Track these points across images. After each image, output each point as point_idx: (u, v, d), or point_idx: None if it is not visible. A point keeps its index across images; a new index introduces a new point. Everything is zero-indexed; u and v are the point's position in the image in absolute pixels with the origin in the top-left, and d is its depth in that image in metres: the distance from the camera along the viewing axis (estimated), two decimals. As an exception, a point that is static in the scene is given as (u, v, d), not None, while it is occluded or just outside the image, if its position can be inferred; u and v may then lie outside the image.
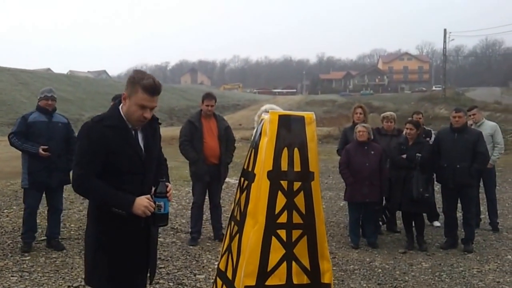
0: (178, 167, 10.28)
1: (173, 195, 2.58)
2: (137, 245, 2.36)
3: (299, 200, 2.50)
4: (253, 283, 2.46)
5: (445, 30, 40.41)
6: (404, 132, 5.50)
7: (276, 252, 2.49)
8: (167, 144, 12.44)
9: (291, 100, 47.16)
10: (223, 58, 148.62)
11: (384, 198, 5.62)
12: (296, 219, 2.50)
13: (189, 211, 5.82)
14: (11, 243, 5.10)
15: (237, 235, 2.62)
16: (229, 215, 6.60)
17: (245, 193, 2.62)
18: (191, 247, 5.24)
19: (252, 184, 2.53)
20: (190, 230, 5.57)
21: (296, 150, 2.50)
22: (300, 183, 2.50)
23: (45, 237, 5.14)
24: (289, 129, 2.51)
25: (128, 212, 2.23)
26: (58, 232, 5.12)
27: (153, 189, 2.36)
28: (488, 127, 6.15)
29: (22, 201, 5.12)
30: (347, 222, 5.87)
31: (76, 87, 41.91)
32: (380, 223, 5.99)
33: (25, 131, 4.75)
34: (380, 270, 4.62)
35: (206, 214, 5.93)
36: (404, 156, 5.28)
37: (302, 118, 2.54)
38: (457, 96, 38.67)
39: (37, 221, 5.20)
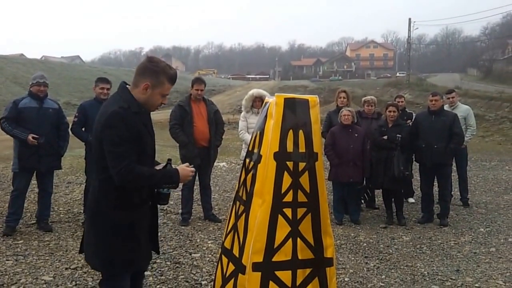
0: (159, 150, 10.24)
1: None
2: (148, 225, 2.46)
3: (304, 180, 2.60)
4: (260, 259, 2.55)
5: (409, 19, 42.16)
6: (385, 115, 5.75)
7: (282, 229, 2.58)
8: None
9: (265, 85, 46.85)
10: (197, 44, 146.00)
11: (365, 178, 5.91)
12: (301, 198, 2.61)
13: (177, 193, 5.92)
14: (0, 227, 5.06)
15: (244, 214, 2.70)
16: (216, 197, 6.81)
17: (251, 173, 2.69)
18: (182, 227, 5.36)
19: (259, 165, 2.61)
20: (180, 211, 5.69)
21: (301, 131, 2.59)
22: (304, 163, 2.59)
23: (35, 220, 5.18)
24: (294, 112, 2.58)
25: (178, 183, 2.39)
26: (48, 214, 5.18)
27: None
28: (462, 110, 6.54)
29: (11, 184, 5.09)
30: (331, 199, 6.14)
31: (50, 73, 41.15)
32: (362, 201, 6.30)
33: (16, 116, 4.73)
34: (365, 244, 4.91)
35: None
36: (385, 137, 5.55)
37: (306, 101, 2.63)
38: (420, 81, 39.60)
39: (25, 205, 5.19)
